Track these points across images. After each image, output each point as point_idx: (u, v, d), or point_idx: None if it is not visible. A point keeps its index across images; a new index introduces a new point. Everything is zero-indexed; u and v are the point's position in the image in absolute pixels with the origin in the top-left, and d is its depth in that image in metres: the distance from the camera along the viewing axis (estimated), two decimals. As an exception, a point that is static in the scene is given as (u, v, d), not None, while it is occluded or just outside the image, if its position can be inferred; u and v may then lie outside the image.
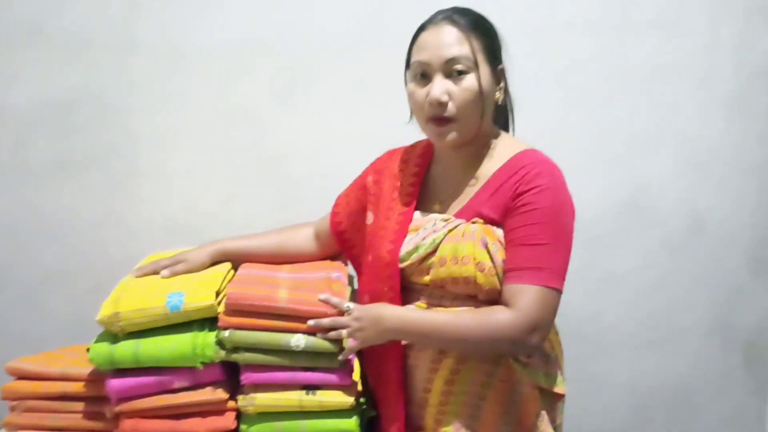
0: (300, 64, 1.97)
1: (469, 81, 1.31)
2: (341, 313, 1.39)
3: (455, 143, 1.36)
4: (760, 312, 2.20)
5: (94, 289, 1.95)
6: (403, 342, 1.40)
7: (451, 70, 1.31)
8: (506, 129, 1.49)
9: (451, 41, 1.31)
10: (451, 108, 1.32)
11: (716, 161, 2.10)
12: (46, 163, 1.98)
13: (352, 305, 1.39)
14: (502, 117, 1.48)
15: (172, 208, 2.02)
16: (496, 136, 1.43)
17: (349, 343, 1.36)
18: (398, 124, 1.48)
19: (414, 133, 1.46)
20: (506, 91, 1.43)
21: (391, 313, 1.36)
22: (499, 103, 1.39)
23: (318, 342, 1.38)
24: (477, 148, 1.40)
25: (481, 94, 1.32)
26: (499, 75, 1.37)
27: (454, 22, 1.32)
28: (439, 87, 1.31)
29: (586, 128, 2.05)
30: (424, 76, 1.34)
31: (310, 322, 1.37)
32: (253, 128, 2.00)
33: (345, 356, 1.37)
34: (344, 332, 1.36)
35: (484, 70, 1.32)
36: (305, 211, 1.73)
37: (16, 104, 1.95)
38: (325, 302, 1.38)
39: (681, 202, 2.12)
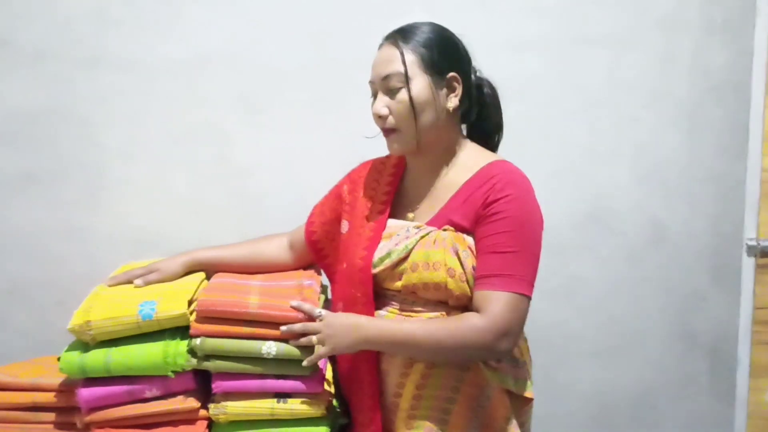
0: (265, 79, 1.99)
1: (402, 95, 1.36)
2: (312, 319, 1.40)
3: (402, 151, 1.43)
4: (722, 318, 2.24)
5: (60, 301, 1.97)
6: None
7: (389, 86, 1.37)
8: (479, 142, 1.51)
9: (387, 59, 1.38)
10: (390, 120, 1.39)
11: (674, 172, 2.16)
12: (12, 175, 1.97)
13: (323, 312, 1.41)
14: (478, 129, 1.51)
15: (139, 220, 2.02)
16: (460, 144, 1.46)
17: (319, 348, 1.37)
18: (362, 138, 1.52)
19: (379, 146, 1.49)
20: (471, 102, 1.45)
21: (366, 323, 1.37)
22: (450, 110, 1.41)
23: (289, 349, 1.39)
24: (439, 156, 1.44)
25: (413, 104, 1.36)
26: (450, 82, 1.40)
27: (392, 42, 1.39)
28: (378, 103, 1.39)
29: (546, 142, 2.09)
30: (374, 93, 1.42)
31: (283, 328, 1.38)
32: (219, 141, 2.01)
33: (312, 362, 1.37)
34: (314, 338, 1.37)
35: (420, 81, 1.36)
36: (271, 224, 1.74)
37: (-20, 116, 1.94)
38: (297, 309, 1.40)
39: (641, 212, 2.17)
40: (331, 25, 1.99)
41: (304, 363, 1.37)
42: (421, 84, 1.36)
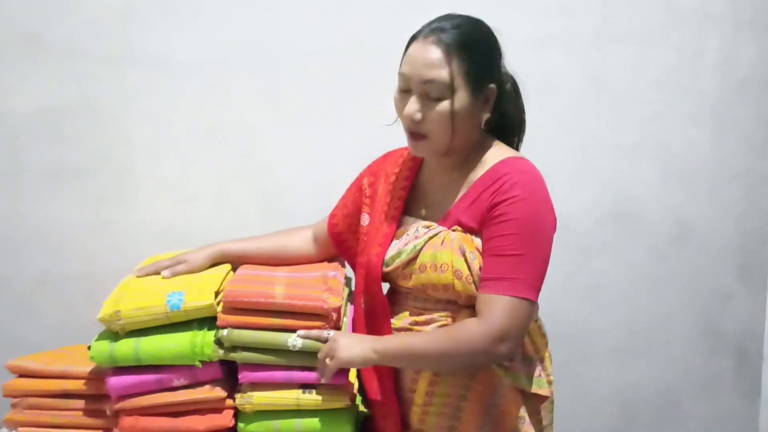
0: (290, 75, 2.01)
1: (443, 105, 1.31)
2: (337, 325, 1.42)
3: (428, 156, 1.42)
4: (749, 317, 2.23)
5: (88, 294, 2.00)
6: None
7: (428, 92, 1.32)
8: (508, 136, 1.49)
9: (432, 62, 1.30)
10: (423, 126, 1.34)
11: (702, 169, 2.15)
12: (41, 170, 2.00)
13: (332, 332, 1.40)
14: (500, 127, 1.47)
15: (165, 215, 2.04)
16: (486, 145, 1.43)
17: (328, 362, 1.37)
18: (385, 134, 1.51)
19: (399, 142, 1.49)
20: (501, 105, 1.42)
21: (372, 337, 1.39)
22: (482, 124, 1.39)
23: (315, 343, 1.40)
24: (461, 157, 1.42)
25: (453, 118, 1.32)
26: (487, 94, 1.37)
27: (439, 41, 1.31)
28: (413, 106, 1.33)
29: (572, 139, 2.10)
30: (406, 89, 1.35)
31: (300, 333, 1.40)
32: (244, 137, 2.03)
33: (326, 377, 1.37)
34: (319, 354, 1.38)
35: (462, 94, 1.32)
36: (294, 218, 1.76)
37: (12, 112, 1.97)
38: (305, 338, 1.39)
39: (666, 209, 2.16)
40: (356, 21, 2.00)
41: (322, 380, 1.38)
42: (463, 97, 1.32)
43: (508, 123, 1.47)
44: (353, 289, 1.63)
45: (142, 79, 1.98)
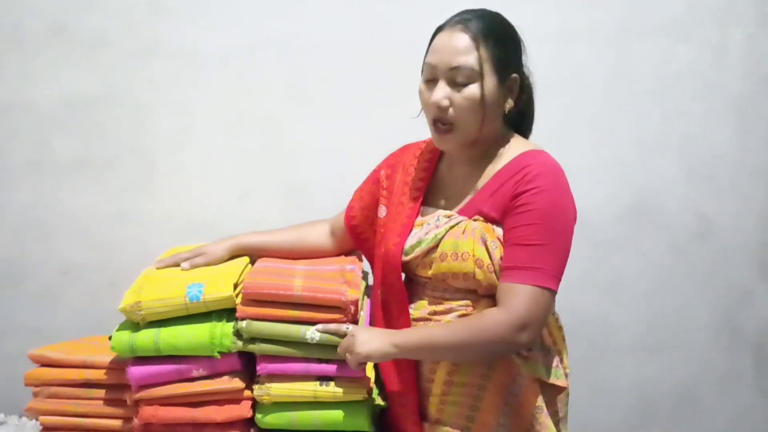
0: (314, 67, 2.02)
1: (471, 91, 1.32)
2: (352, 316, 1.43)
3: (453, 148, 1.41)
4: (769, 314, 2.22)
5: (111, 283, 2.03)
6: None
7: (455, 78, 1.33)
8: (521, 130, 1.50)
9: (460, 49, 1.32)
10: (451, 114, 1.35)
11: (723, 165, 2.12)
12: (67, 160, 2.03)
13: (350, 326, 1.41)
14: (516, 119, 1.48)
15: (188, 206, 2.07)
16: (506, 138, 1.44)
17: (348, 357, 1.38)
18: (408, 128, 1.52)
19: (422, 135, 1.49)
20: (521, 97, 1.43)
21: (391, 331, 1.40)
22: (507, 112, 1.40)
23: (333, 336, 1.41)
24: (483, 149, 1.42)
25: (482, 104, 1.33)
26: (511, 83, 1.38)
27: (466, 29, 1.33)
28: (441, 92, 1.34)
29: (592, 133, 2.08)
30: (432, 78, 1.36)
31: (318, 327, 1.41)
32: (267, 129, 2.05)
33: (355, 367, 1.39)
34: (339, 349, 1.39)
35: (489, 80, 1.33)
36: (315, 211, 1.77)
37: (39, 102, 2.00)
38: (323, 332, 1.41)
39: (687, 205, 2.14)
40: (380, 14, 2.00)
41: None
42: (491, 84, 1.33)
43: (524, 116, 1.49)
44: (370, 283, 1.64)
45: (168, 70, 2.01)
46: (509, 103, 1.39)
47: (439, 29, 1.38)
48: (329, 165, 2.06)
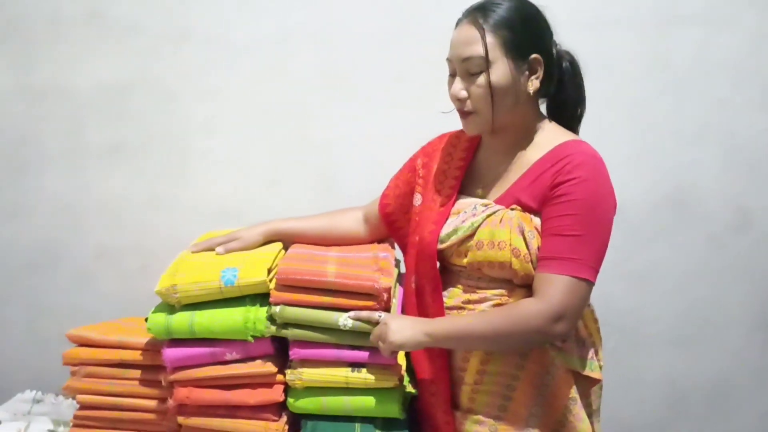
0: (344, 56, 2.01)
1: (482, 79, 1.33)
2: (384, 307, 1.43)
3: (477, 132, 1.42)
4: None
5: (144, 266, 2.06)
6: None
7: (468, 69, 1.34)
8: (567, 120, 1.47)
9: (466, 40, 1.33)
10: (469, 104, 1.36)
11: (763, 155, 2.07)
12: (101, 145, 2.06)
13: (383, 314, 1.42)
14: (556, 106, 1.46)
15: (219, 192, 2.08)
16: (542, 125, 1.42)
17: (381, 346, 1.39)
18: (440, 114, 1.51)
19: (456, 122, 1.48)
20: (552, 80, 1.40)
21: (424, 319, 1.39)
22: (532, 93, 1.38)
23: (364, 324, 1.41)
24: (516, 136, 1.41)
25: (493, 91, 1.32)
26: (532, 64, 1.35)
27: (472, 21, 1.34)
28: (457, 85, 1.36)
29: (631, 123, 2.04)
30: (452, 73, 1.39)
31: (351, 314, 1.42)
32: (299, 117, 2.04)
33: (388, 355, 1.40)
34: (372, 337, 1.40)
35: (502, 65, 1.32)
36: (344, 198, 1.78)
37: (74, 88, 2.03)
38: (355, 319, 1.42)
39: (725, 196, 2.10)
40: (413, 3, 1.98)
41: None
42: (502, 69, 1.32)
43: (566, 102, 1.46)
44: (402, 271, 1.63)
45: (201, 57, 2.01)
46: (533, 84, 1.36)
47: (456, 24, 1.39)
48: (358, 153, 2.05)
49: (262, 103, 2.04)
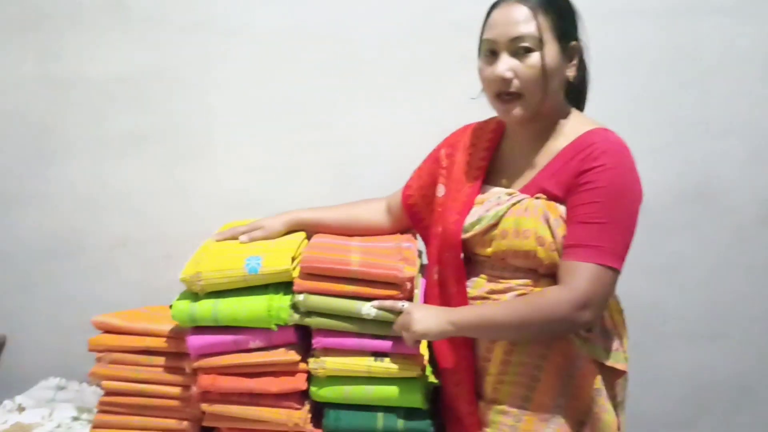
0: (365, 46, 2.00)
1: (534, 59, 1.31)
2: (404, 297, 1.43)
3: (521, 119, 1.37)
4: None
5: (167, 255, 2.07)
6: None
7: (517, 48, 1.31)
8: (579, 106, 1.48)
9: (518, 19, 1.31)
10: (516, 84, 1.33)
11: (791, 148, 2.06)
12: (122, 135, 2.06)
13: (406, 304, 1.42)
14: (573, 94, 1.46)
15: (240, 182, 2.08)
16: (566, 113, 1.42)
17: (404, 335, 1.39)
18: (460, 108, 1.50)
19: (478, 113, 1.47)
20: (581, 68, 1.42)
21: (448, 309, 1.39)
22: (571, 80, 1.38)
23: (387, 313, 1.41)
24: (545, 125, 1.40)
25: (545, 72, 1.31)
26: (572, 52, 1.36)
27: (523, 0, 1.32)
28: (504, 64, 1.32)
29: (656, 114, 2.02)
30: (492, 54, 1.35)
31: (374, 303, 1.42)
32: (319, 108, 2.04)
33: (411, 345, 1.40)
34: (395, 327, 1.40)
35: (551, 48, 1.31)
36: (365, 189, 1.76)
37: (97, 77, 2.04)
38: (379, 308, 1.42)
39: (752, 190, 2.07)
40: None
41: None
42: (553, 50, 1.31)
43: (581, 91, 1.47)
44: (424, 262, 1.63)
45: (222, 47, 2.01)
46: (571, 71, 1.37)
47: (494, 6, 1.37)
48: (379, 144, 2.05)
49: (282, 93, 2.04)
